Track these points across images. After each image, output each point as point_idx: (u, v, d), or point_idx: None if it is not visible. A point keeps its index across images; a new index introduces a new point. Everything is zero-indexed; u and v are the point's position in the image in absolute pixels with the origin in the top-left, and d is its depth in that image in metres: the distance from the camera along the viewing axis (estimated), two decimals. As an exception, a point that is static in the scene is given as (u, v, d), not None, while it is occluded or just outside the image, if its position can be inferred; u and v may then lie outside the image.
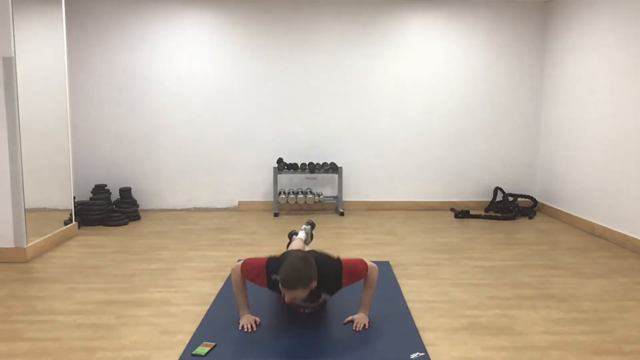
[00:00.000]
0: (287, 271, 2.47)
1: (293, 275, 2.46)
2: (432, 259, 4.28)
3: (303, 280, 2.48)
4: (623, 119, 4.79)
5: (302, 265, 2.50)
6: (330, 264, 2.72)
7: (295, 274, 2.46)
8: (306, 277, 2.49)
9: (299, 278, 2.47)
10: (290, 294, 2.50)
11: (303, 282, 2.48)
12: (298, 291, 2.49)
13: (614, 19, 4.94)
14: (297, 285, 2.47)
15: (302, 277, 2.47)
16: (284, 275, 2.47)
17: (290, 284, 2.46)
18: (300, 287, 2.48)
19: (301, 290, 2.50)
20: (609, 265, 4.14)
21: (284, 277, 2.47)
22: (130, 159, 6.25)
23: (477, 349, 2.65)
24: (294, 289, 2.48)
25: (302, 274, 2.48)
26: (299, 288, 2.48)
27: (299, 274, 2.47)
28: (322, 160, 6.37)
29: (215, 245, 4.72)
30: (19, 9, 4.13)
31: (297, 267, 2.48)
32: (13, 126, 4.06)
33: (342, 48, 6.25)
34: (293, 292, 2.49)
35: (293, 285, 2.47)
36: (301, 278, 2.47)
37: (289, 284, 2.47)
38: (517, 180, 6.53)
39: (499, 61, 6.35)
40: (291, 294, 2.50)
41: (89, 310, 3.13)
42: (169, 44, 6.14)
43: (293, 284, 2.46)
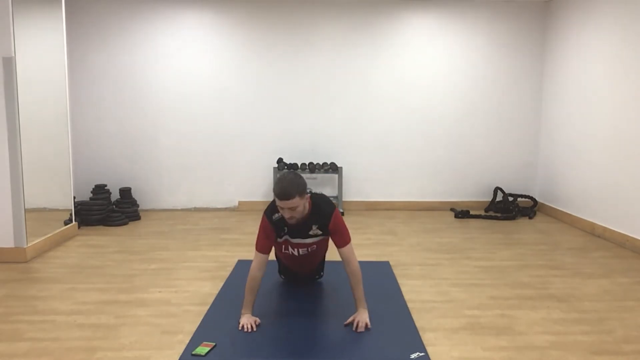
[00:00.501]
0: (280, 183, 2.65)
1: (287, 183, 2.64)
2: (432, 259, 4.28)
3: (295, 186, 2.65)
4: (623, 119, 4.79)
5: (293, 176, 2.70)
6: (326, 201, 2.92)
7: (288, 182, 2.64)
8: (299, 184, 2.67)
9: (292, 185, 2.64)
10: (288, 204, 2.64)
11: (297, 189, 2.65)
12: (295, 200, 2.64)
13: (614, 19, 4.94)
14: (293, 193, 2.63)
15: (295, 184, 2.65)
16: (279, 187, 2.64)
17: (286, 193, 2.63)
18: (296, 195, 2.64)
19: (297, 199, 2.65)
20: (609, 265, 4.14)
21: (279, 189, 2.63)
22: (130, 159, 6.25)
23: (477, 349, 2.65)
24: (290, 197, 2.63)
25: (295, 182, 2.66)
26: (295, 196, 2.64)
27: (292, 182, 2.65)
28: (322, 160, 6.37)
29: (215, 245, 4.72)
30: (19, 9, 4.13)
31: (288, 177, 2.68)
32: (13, 126, 4.06)
33: (342, 48, 6.25)
34: (290, 202, 2.64)
35: (288, 193, 2.63)
36: (293, 185, 2.64)
37: (284, 194, 2.63)
38: (517, 180, 6.52)
39: (499, 61, 6.35)
40: (289, 204, 2.65)
41: (89, 310, 3.13)
42: (169, 44, 6.14)
43: (288, 191, 2.63)
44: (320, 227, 2.91)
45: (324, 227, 2.91)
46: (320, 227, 2.91)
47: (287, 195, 2.64)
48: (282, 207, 2.69)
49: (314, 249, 3.07)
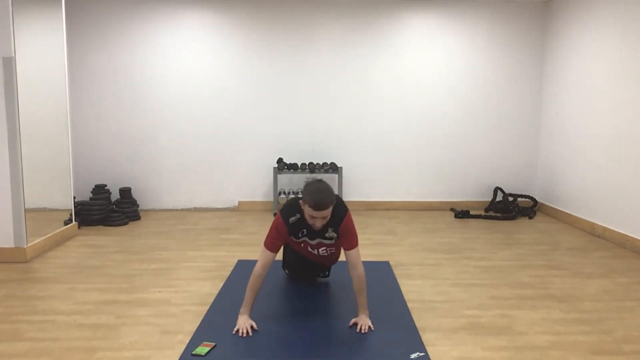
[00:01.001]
0: (318, 194, 2.69)
1: (324, 194, 2.70)
2: (432, 259, 4.28)
3: (332, 197, 2.74)
4: (623, 119, 4.79)
5: (325, 185, 2.77)
6: (340, 203, 2.96)
7: (324, 193, 2.70)
8: (333, 195, 2.75)
9: (329, 196, 2.72)
10: (323, 213, 2.72)
11: (332, 199, 2.74)
12: (329, 209, 2.73)
13: (614, 19, 4.95)
14: (329, 203, 2.71)
15: (330, 194, 2.73)
16: (317, 198, 2.68)
17: (324, 204, 2.68)
18: (330, 205, 2.73)
19: (330, 209, 2.74)
20: (609, 265, 4.14)
21: (317, 200, 2.68)
22: (130, 159, 6.25)
23: (477, 349, 2.65)
24: (328, 208, 2.70)
25: (330, 192, 2.74)
26: (330, 206, 2.72)
27: (328, 193, 2.72)
28: (322, 160, 6.37)
29: (215, 245, 4.72)
30: (19, 9, 4.13)
31: (323, 188, 2.74)
32: (13, 126, 4.06)
33: (342, 48, 6.25)
34: (326, 212, 2.72)
35: (326, 204, 2.69)
36: (330, 195, 2.73)
37: (322, 205, 2.68)
38: (517, 180, 6.52)
39: (499, 61, 6.35)
40: (324, 214, 2.72)
41: (89, 310, 3.13)
42: (169, 43, 6.14)
43: (326, 203, 2.69)
44: (334, 229, 2.91)
45: (336, 229, 2.91)
46: (334, 229, 2.91)
47: (325, 206, 2.69)
48: (316, 216, 2.72)
49: (332, 251, 3.11)
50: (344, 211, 2.93)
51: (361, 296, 2.85)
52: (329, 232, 2.92)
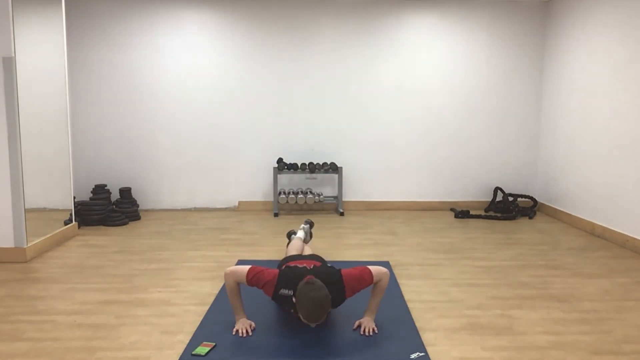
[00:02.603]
0: (310, 308, 2.50)
1: (317, 310, 2.51)
2: (432, 259, 4.28)
3: (326, 310, 2.54)
4: (623, 119, 4.79)
5: (322, 298, 2.51)
6: (331, 280, 2.70)
7: (319, 309, 2.51)
8: (327, 306, 2.54)
9: (322, 311, 2.52)
10: (315, 324, 2.59)
11: (326, 311, 2.55)
12: (322, 320, 2.57)
13: (614, 19, 4.95)
14: (322, 317, 2.55)
15: (325, 308, 2.52)
16: (309, 312, 2.51)
17: (316, 318, 2.53)
18: (325, 315, 2.56)
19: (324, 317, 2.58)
20: (609, 265, 4.14)
21: (308, 314, 2.51)
22: (130, 159, 6.25)
23: (477, 349, 2.65)
24: (319, 320, 2.56)
25: (325, 306, 2.52)
26: (324, 316, 2.56)
27: (322, 308, 2.51)
28: (322, 160, 6.37)
29: (215, 245, 4.72)
30: (19, 9, 4.13)
31: (318, 302, 2.50)
32: (13, 126, 4.06)
33: (342, 48, 6.25)
34: (318, 322, 2.58)
35: (319, 318, 2.54)
36: (324, 309, 2.52)
37: (315, 318, 2.53)
38: (517, 180, 6.53)
39: (499, 61, 6.35)
40: (315, 324, 2.59)
41: (89, 310, 3.13)
42: (169, 43, 6.14)
43: (319, 317, 2.53)
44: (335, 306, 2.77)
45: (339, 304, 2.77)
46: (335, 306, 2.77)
47: (316, 319, 2.54)
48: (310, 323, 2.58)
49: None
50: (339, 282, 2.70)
51: (374, 300, 2.83)
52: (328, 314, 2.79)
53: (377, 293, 2.83)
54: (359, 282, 2.73)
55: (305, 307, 2.51)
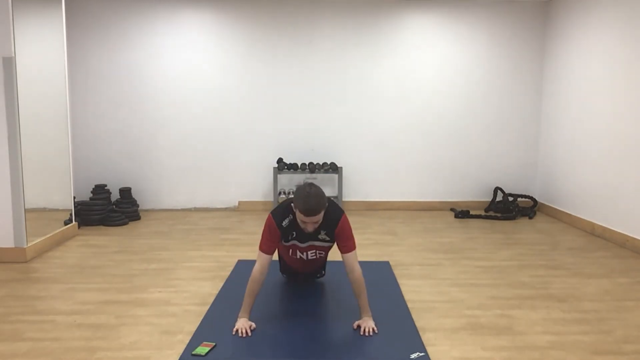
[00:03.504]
0: (308, 200, 2.64)
1: (315, 200, 2.65)
2: (432, 259, 4.28)
3: (323, 202, 2.69)
4: (623, 119, 4.79)
5: (317, 189, 2.70)
6: (334, 206, 2.91)
7: (316, 200, 2.65)
8: (323, 197, 2.70)
9: (320, 201, 2.66)
10: (314, 219, 2.69)
11: (324, 204, 2.69)
12: (321, 214, 2.69)
13: (614, 19, 4.94)
14: (321, 208, 2.67)
15: (322, 199, 2.68)
16: (307, 204, 2.64)
17: (315, 209, 2.64)
18: (322, 210, 2.69)
19: (322, 214, 2.70)
20: (609, 265, 4.14)
21: (307, 206, 2.64)
22: (131, 159, 6.25)
23: (477, 349, 2.65)
24: (319, 213, 2.67)
25: (321, 196, 2.69)
26: (322, 211, 2.69)
27: (319, 197, 2.67)
28: (322, 160, 6.37)
29: (215, 245, 4.72)
30: (19, 9, 4.13)
31: (313, 192, 2.67)
32: (13, 126, 4.06)
33: (342, 48, 6.25)
34: (315, 217, 2.68)
35: (317, 209, 2.65)
36: (321, 200, 2.67)
37: (312, 210, 2.64)
38: (517, 180, 6.52)
39: (499, 61, 6.35)
40: (315, 219, 2.69)
41: (89, 310, 3.13)
42: (169, 43, 6.14)
43: (317, 208, 2.65)
44: (328, 232, 2.88)
45: (331, 233, 2.88)
46: (328, 232, 2.88)
47: (315, 211, 2.65)
48: (307, 221, 2.70)
49: (321, 255, 3.07)
50: (339, 214, 2.88)
51: (361, 298, 2.83)
52: (321, 235, 2.89)
53: (357, 289, 2.82)
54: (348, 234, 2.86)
55: (302, 200, 2.65)
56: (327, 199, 2.84)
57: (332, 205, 2.90)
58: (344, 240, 2.86)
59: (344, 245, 2.86)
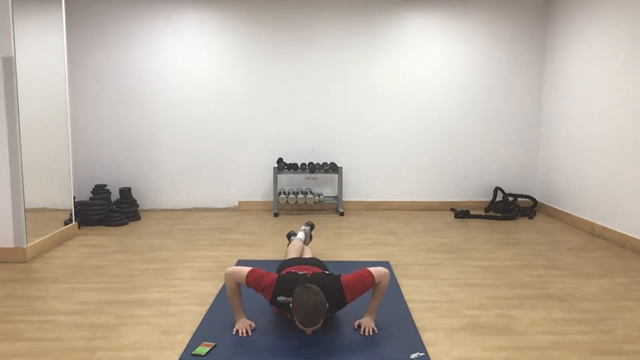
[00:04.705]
0: (305, 313, 2.51)
1: (312, 315, 2.51)
2: (432, 259, 4.28)
3: (321, 315, 2.54)
4: (623, 119, 4.79)
5: (317, 302, 2.51)
6: (331, 286, 2.68)
7: (314, 313, 2.51)
8: (324, 311, 2.55)
9: (318, 316, 2.52)
10: (311, 329, 2.60)
11: (322, 316, 2.55)
12: (319, 324, 2.57)
13: (614, 18, 4.94)
14: (318, 322, 2.55)
15: (320, 314, 2.53)
16: (304, 317, 2.51)
17: (311, 322, 2.53)
18: (320, 320, 2.55)
19: (320, 322, 2.57)
20: (609, 265, 4.14)
21: (304, 318, 2.51)
22: (130, 158, 6.25)
23: (477, 349, 2.65)
24: (315, 325, 2.56)
25: (320, 311, 2.52)
26: (320, 321, 2.56)
27: (317, 313, 2.52)
28: (322, 160, 6.37)
29: (215, 245, 4.72)
30: (19, 9, 4.13)
31: (313, 307, 2.50)
32: (13, 126, 4.06)
33: (342, 48, 6.25)
34: (314, 328, 2.58)
35: (314, 323, 2.54)
36: (319, 315, 2.53)
37: (310, 323, 2.54)
38: (517, 180, 6.52)
39: (499, 61, 6.35)
40: (311, 329, 2.60)
41: (89, 310, 3.13)
42: (169, 43, 6.14)
43: (314, 321, 2.53)
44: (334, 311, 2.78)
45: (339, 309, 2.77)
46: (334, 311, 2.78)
47: (314, 324, 2.54)
48: (305, 329, 2.59)
49: None
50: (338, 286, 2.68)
51: (375, 301, 2.83)
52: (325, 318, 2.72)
53: (377, 294, 2.82)
54: (359, 287, 2.73)
55: (300, 311, 2.51)
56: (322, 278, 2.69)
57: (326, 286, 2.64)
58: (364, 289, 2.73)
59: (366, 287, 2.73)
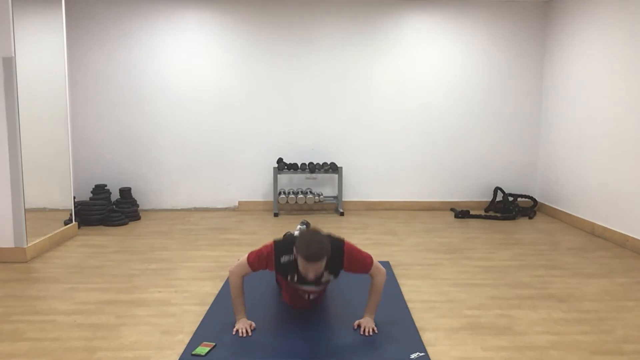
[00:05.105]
0: (310, 246, 2.51)
1: (317, 247, 2.50)
2: (432, 259, 4.28)
3: (325, 250, 2.53)
4: (623, 119, 4.79)
5: (321, 237, 2.56)
6: (334, 243, 2.71)
7: (318, 246, 2.51)
8: (327, 247, 2.55)
9: (322, 249, 2.52)
10: (314, 266, 2.53)
11: (327, 251, 2.54)
12: (322, 262, 2.54)
13: (614, 18, 4.94)
14: (322, 257, 2.52)
15: (325, 248, 2.53)
16: (309, 250, 2.49)
17: (315, 257, 2.50)
18: (325, 257, 2.54)
19: (324, 261, 2.55)
20: (609, 265, 4.14)
21: (308, 252, 2.49)
22: (130, 158, 6.25)
23: (477, 349, 2.65)
24: (319, 260, 2.52)
25: (324, 245, 2.54)
26: (324, 257, 2.53)
27: (322, 246, 2.52)
28: (322, 160, 6.37)
29: (215, 245, 4.72)
30: (19, 9, 4.13)
31: (318, 240, 2.53)
32: (13, 126, 4.06)
33: (342, 48, 6.25)
34: (317, 264, 2.53)
35: (318, 257, 2.50)
36: (324, 249, 2.52)
37: (314, 257, 2.49)
38: (517, 180, 6.52)
39: (499, 61, 6.35)
40: (314, 267, 2.53)
41: (89, 310, 3.13)
42: (169, 43, 6.14)
43: (318, 256, 2.50)
44: (333, 272, 2.77)
45: (337, 271, 2.77)
46: (333, 272, 2.77)
47: (318, 258, 2.51)
48: (308, 268, 2.54)
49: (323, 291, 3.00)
50: (340, 246, 2.72)
51: (372, 299, 2.82)
52: (324, 277, 2.75)
53: (373, 293, 2.82)
54: (358, 261, 2.74)
55: (304, 245, 2.51)
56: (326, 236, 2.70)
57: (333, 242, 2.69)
58: (359, 267, 2.75)
59: (362, 269, 2.76)
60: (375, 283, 2.80)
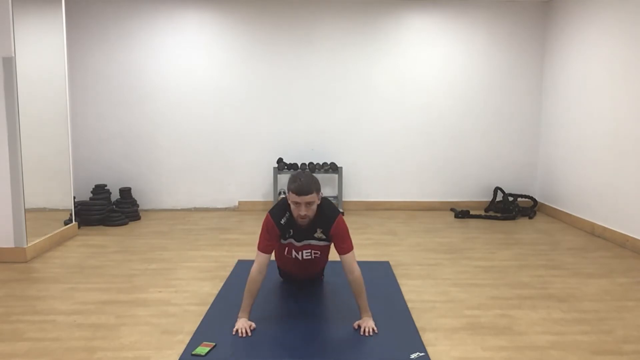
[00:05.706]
0: (298, 179, 2.71)
1: (306, 181, 2.70)
2: (432, 259, 4.28)
3: (314, 182, 2.73)
4: (623, 119, 4.79)
5: (309, 174, 2.78)
6: (331, 206, 2.95)
7: (307, 180, 2.71)
8: (316, 182, 2.76)
9: (310, 181, 2.72)
10: (306, 199, 2.70)
11: (315, 185, 2.73)
12: (313, 195, 2.71)
13: (614, 18, 4.94)
14: (312, 188, 2.71)
15: (312, 180, 2.74)
16: (298, 183, 2.70)
17: (305, 188, 2.68)
18: (314, 190, 2.72)
19: (315, 194, 2.73)
20: (609, 265, 4.14)
21: (297, 184, 2.70)
22: (130, 159, 6.25)
23: (477, 349, 2.65)
24: (309, 192, 2.70)
25: (312, 178, 2.75)
26: (313, 191, 2.72)
27: (310, 180, 2.72)
28: (322, 160, 6.37)
29: (215, 245, 4.72)
30: (19, 9, 4.13)
31: (306, 175, 2.74)
32: (13, 126, 4.06)
33: (342, 48, 6.25)
34: (309, 197, 2.70)
35: (308, 189, 2.69)
36: (312, 181, 2.73)
37: (303, 189, 2.68)
38: (517, 180, 6.52)
39: (499, 61, 6.35)
40: (307, 199, 2.70)
41: (89, 310, 3.13)
42: (169, 43, 6.14)
43: (307, 187, 2.69)
44: (323, 231, 2.90)
45: (327, 232, 2.90)
46: (323, 231, 2.90)
47: (306, 190, 2.69)
48: (299, 202, 2.71)
49: (317, 256, 3.06)
50: (336, 213, 2.90)
51: (361, 299, 2.83)
52: (317, 233, 2.92)
53: (356, 290, 2.81)
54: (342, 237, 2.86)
55: (293, 180, 2.72)
56: (324, 199, 2.90)
57: (329, 204, 2.95)
58: (340, 241, 2.86)
59: (341, 247, 2.86)
60: (355, 279, 2.80)
